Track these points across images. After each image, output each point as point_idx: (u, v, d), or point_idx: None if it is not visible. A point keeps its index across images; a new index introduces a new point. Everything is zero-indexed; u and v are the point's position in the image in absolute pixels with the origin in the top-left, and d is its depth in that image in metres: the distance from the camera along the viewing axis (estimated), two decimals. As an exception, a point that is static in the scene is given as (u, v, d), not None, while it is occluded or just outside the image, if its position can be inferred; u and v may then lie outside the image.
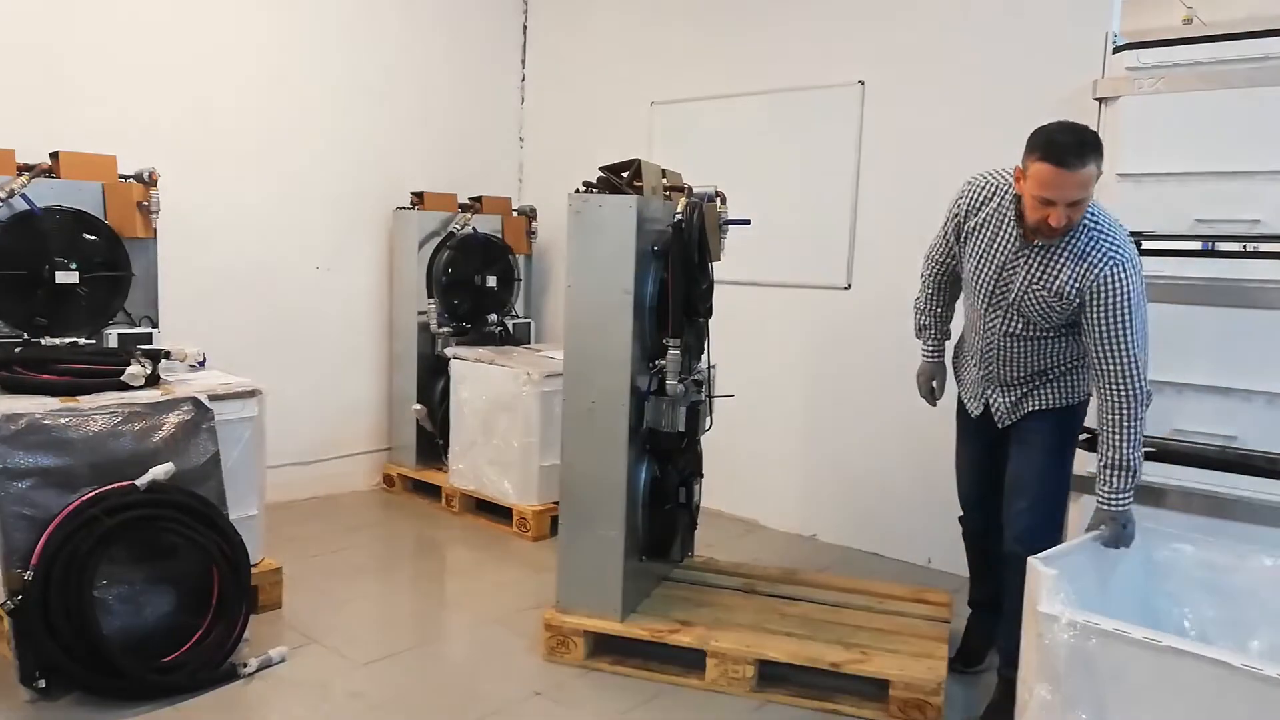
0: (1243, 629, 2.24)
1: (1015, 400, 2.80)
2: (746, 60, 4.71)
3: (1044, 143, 2.37)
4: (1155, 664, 1.81)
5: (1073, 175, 2.32)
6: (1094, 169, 2.35)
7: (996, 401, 2.84)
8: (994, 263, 2.63)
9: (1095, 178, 2.37)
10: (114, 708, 2.66)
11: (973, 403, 2.94)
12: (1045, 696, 1.94)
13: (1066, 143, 2.34)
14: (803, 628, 3.11)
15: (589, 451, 3.10)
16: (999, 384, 2.81)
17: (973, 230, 2.69)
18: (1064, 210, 2.37)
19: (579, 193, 3.08)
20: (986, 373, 2.82)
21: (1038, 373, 2.75)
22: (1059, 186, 2.34)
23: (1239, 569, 2.31)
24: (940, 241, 2.91)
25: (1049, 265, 2.51)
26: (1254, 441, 3.02)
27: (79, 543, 2.63)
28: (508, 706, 2.83)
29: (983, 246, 2.66)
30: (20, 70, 3.74)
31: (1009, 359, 2.74)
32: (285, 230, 4.69)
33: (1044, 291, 2.53)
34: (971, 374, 2.92)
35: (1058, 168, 2.33)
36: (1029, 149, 2.42)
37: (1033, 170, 2.39)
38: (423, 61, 5.21)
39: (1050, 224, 2.39)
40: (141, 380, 3.03)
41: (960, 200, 2.75)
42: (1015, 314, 2.64)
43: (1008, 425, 2.84)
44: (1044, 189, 2.36)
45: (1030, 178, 2.41)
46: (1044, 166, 2.35)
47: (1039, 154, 2.37)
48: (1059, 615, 1.92)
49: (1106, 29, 3.42)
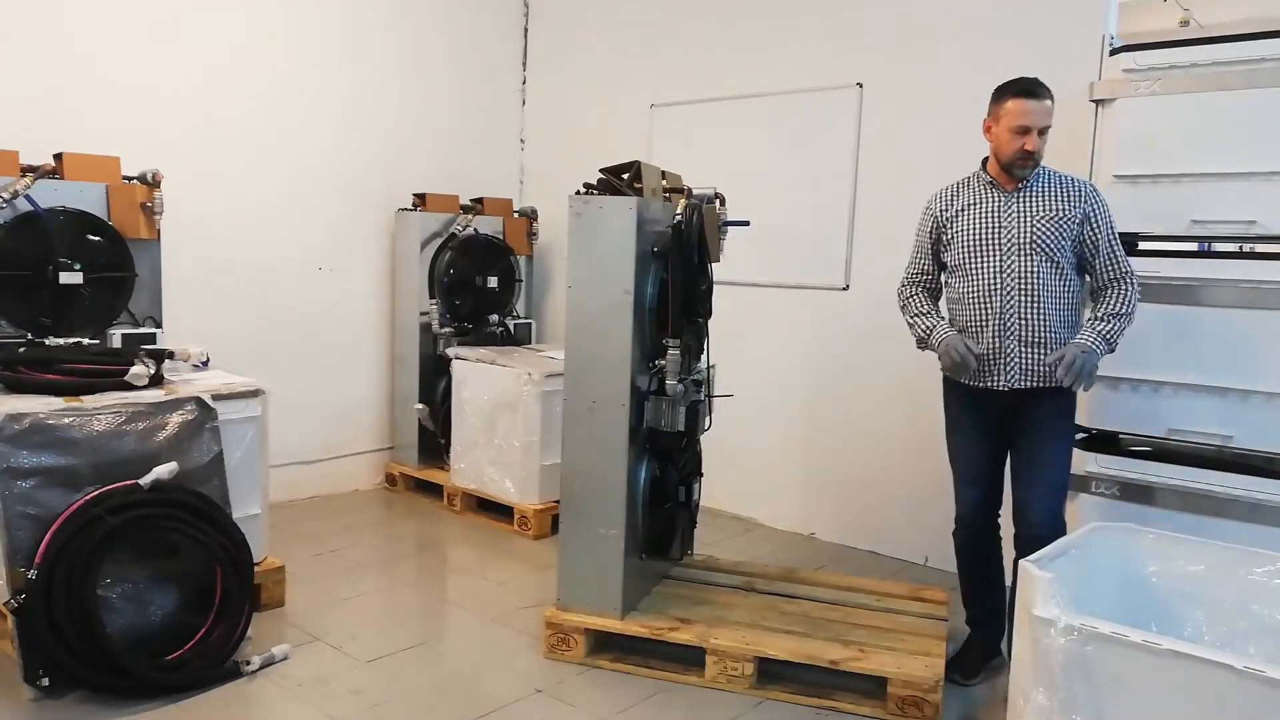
0: (1234, 642, 2.22)
1: (1038, 358, 2.86)
2: (746, 63, 4.73)
3: (1011, 84, 2.85)
4: (1155, 667, 1.77)
5: (1041, 103, 2.80)
6: (1051, 104, 2.82)
7: (1015, 359, 2.88)
8: (991, 220, 2.93)
9: (1052, 112, 2.83)
10: (117, 706, 2.68)
11: (987, 379, 2.93)
12: (1042, 701, 1.92)
13: (1030, 79, 2.85)
14: (801, 625, 3.13)
15: (589, 451, 3.12)
16: (1019, 339, 2.87)
17: (956, 215, 3.00)
18: (1035, 137, 2.80)
19: (579, 194, 3.10)
20: (1006, 329, 2.88)
21: (1056, 320, 2.87)
22: (1032, 113, 2.79)
23: (1229, 581, 2.29)
24: (918, 255, 3.14)
25: (1043, 200, 2.88)
26: (1250, 441, 3.03)
27: (83, 542, 2.64)
28: (509, 704, 2.85)
29: (975, 216, 2.96)
30: (24, 72, 3.77)
31: (1033, 298, 2.86)
32: (288, 231, 4.71)
33: (1050, 221, 2.87)
34: (989, 349, 2.91)
35: (1028, 98, 2.80)
36: (997, 96, 2.88)
37: (1006, 108, 2.83)
38: (425, 64, 5.23)
39: (1027, 149, 2.80)
40: (145, 380, 3.05)
41: (931, 208, 3.09)
42: (1031, 249, 2.87)
43: (1015, 399, 2.91)
44: (1020, 118, 2.80)
45: (1004, 116, 2.84)
46: (1017, 101, 2.81)
47: (1011, 92, 2.83)
48: (1055, 619, 1.88)
49: (1103, 31, 3.42)
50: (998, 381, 2.92)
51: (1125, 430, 3.20)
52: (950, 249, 3.01)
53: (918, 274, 3.13)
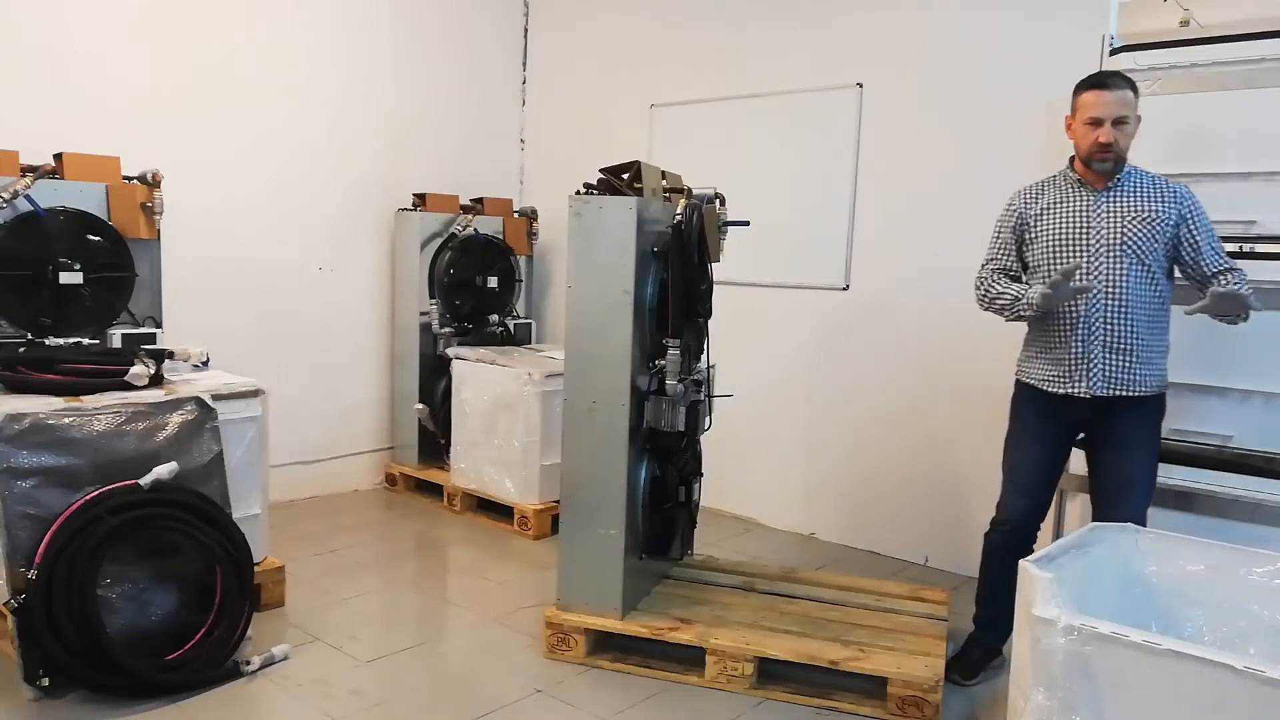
0: (1234, 642, 2.22)
1: (1122, 364, 2.77)
2: (746, 63, 4.73)
3: (1086, 78, 2.81)
4: (1155, 667, 1.77)
5: (1112, 93, 2.72)
6: (1130, 94, 2.75)
7: (1099, 366, 2.78)
8: (1079, 219, 2.84)
9: (1133, 104, 2.75)
10: (117, 706, 2.68)
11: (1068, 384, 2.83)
12: (1042, 702, 1.92)
13: (1106, 71, 2.85)
14: (801, 625, 3.13)
15: (589, 451, 3.12)
16: (1104, 345, 2.78)
17: (1040, 213, 2.91)
18: (1110, 129, 2.72)
19: (579, 194, 3.10)
20: (1090, 333, 2.78)
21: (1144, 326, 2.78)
22: (1103, 105, 2.72)
23: (1229, 582, 2.29)
24: (999, 251, 3.00)
25: (1135, 201, 2.81)
26: (1251, 441, 3.03)
27: (83, 542, 2.64)
28: (509, 704, 2.85)
29: (1059, 216, 2.87)
30: (24, 72, 3.76)
31: (1120, 302, 2.76)
32: (288, 231, 4.71)
33: (1143, 222, 2.79)
34: (1070, 353, 2.82)
35: (1099, 89, 2.74)
36: (1075, 93, 2.82)
37: (1079, 102, 2.79)
38: (424, 64, 5.23)
39: (1101, 141, 2.73)
40: (145, 380, 3.05)
41: (1012, 206, 2.99)
42: (1121, 251, 2.78)
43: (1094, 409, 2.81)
44: (1090, 110, 2.74)
45: (1078, 110, 2.80)
46: (1089, 93, 2.76)
47: (1083, 86, 2.79)
48: (1056, 619, 1.88)
49: (1103, 31, 3.43)
50: (1079, 388, 2.81)
51: (1125, 430, 3.19)
52: (1033, 248, 2.91)
53: (998, 268, 2.99)
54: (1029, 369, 2.98)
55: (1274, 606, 2.22)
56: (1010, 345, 3.08)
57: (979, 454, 3.99)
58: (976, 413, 3.99)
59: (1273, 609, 2.22)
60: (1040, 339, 2.92)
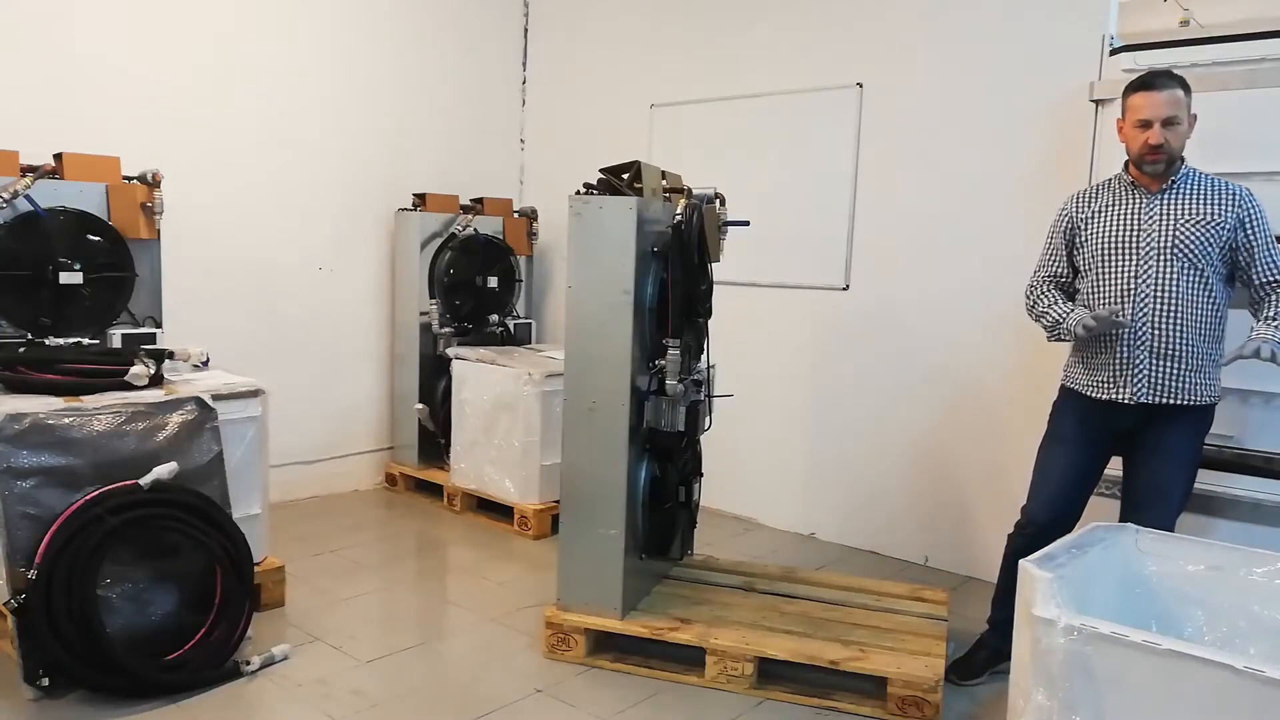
0: (1234, 642, 2.22)
1: (1169, 372, 2.71)
2: (746, 63, 4.72)
3: (1134, 80, 2.76)
4: (1155, 668, 1.77)
5: (1160, 94, 2.66)
6: (1180, 94, 2.67)
7: (1145, 371, 2.72)
8: (1130, 222, 2.78)
9: (1184, 104, 2.68)
10: (117, 706, 2.68)
11: (1111, 389, 2.78)
12: (1042, 702, 1.92)
13: (1152, 72, 2.76)
14: (801, 625, 3.13)
15: (590, 451, 3.12)
16: (1150, 350, 2.71)
17: (1093, 216, 2.86)
18: (1160, 130, 2.66)
19: (579, 194, 3.10)
20: (1136, 338, 2.72)
21: (1194, 333, 2.70)
22: (1151, 106, 2.67)
23: (1229, 582, 2.28)
24: (1050, 258, 2.97)
25: (1189, 203, 2.73)
26: (1251, 441, 3.03)
27: (83, 542, 2.64)
28: (509, 704, 2.85)
29: (1113, 218, 2.81)
30: (24, 72, 3.76)
31: (1169, 307, 2.70)
32: (288, 231, 4.71)
33: (1196, 225, 2.71)
34: (1115, 357, 2.77)
35: (1147, 91, 2.69)
36: (1123, 95, 2.78)
37: (1128, 104, 2.74)
38: (424, 64, 5.23)
39: (1150, 143, 2.67)
40: (145, 380, 3.05)
41: (1065, 210, 2.94)
42: (1172, 255, 2.71)
43: (1137, 417, 2.76)
44: (1139, 111, 2.70)
45: (1127, 112, 2.74)
46: (1137, 94, 2.71)
47: (1132, 88, 2.74)
48: (1056, 619, 1.88)
49: (1103, 31, 3.43)
50: (1123, 394, 2.75)
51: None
52: (1083, 251, 2.86)
53: (1049, 275, 2.96)
54: (1074, 373, 2.92)
55: (1274, 606, 2.22)
56: (1010, 345, 3.07)
57: (979, 454, 4.00)
58: (976, 412, 3.99)
59: (1273, 609, 2.22)
60: (1088, 344, 2.85)
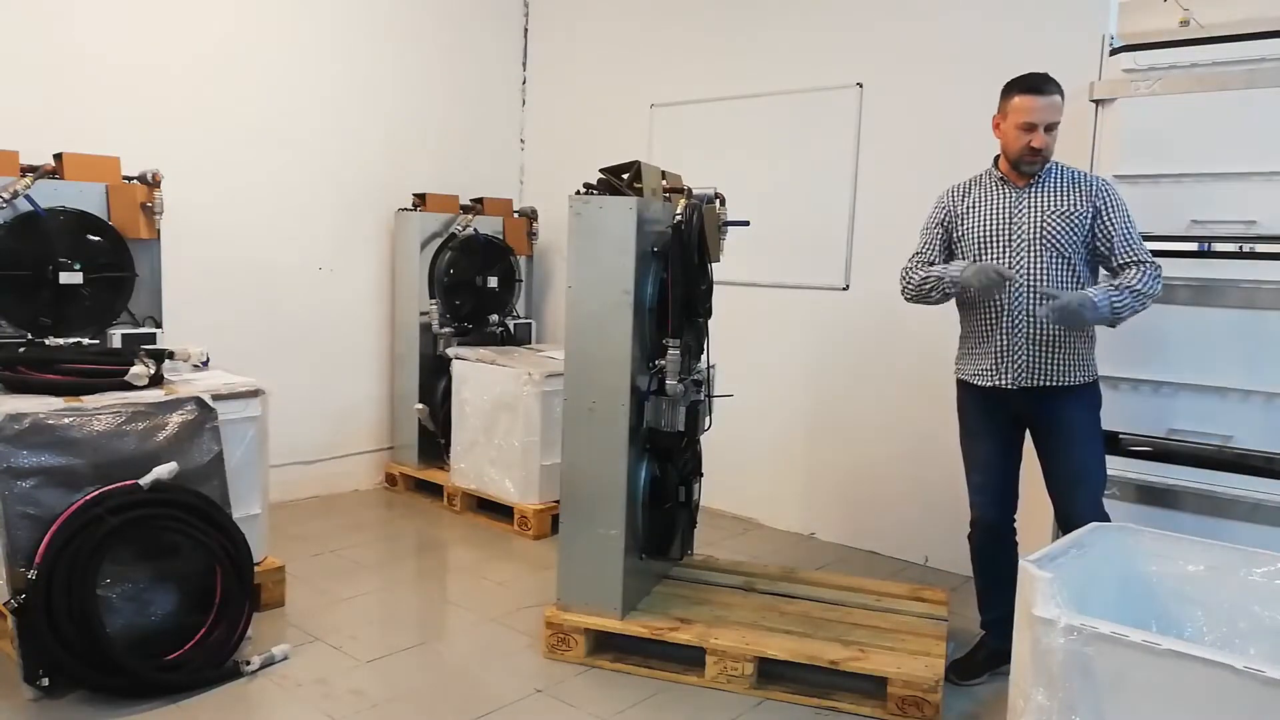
0: (1234, 642, 2.22)
1: (1046, 357, 2.84)
2: (746, 63, 4.73)
3: (1018, 81, 2.83)
4: (1155, 667, 1.77)
5: (1047, 99, 2.77)
6: (1059, 99, 2.80)
7: (1023, 358, 2.85)
8: (1000, 215, 2.92)
9: (1061, 109, 2.80)
10: (117, 706, 2.68)
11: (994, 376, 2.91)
12: (1042, 702, 1.92)
13: (1038, 75, 2.82)
14: (801, 625, 3.13)
15: (589, 451, 3.12)
16: (1027, 337, 2.85)
17: (967, 210, 2.98)
18: (1042, 134, 2.78)
19: (579, 194, 3.10)
20: (1014, 326, 2.86)
21: None
22: (1037, 110, 2.77)
23: (1229, 582, 2.28)
24: (926, 246, 3.08)
25: (1052, 196, 2.87)
26: (1250, 441, 3.03)
27: (83, 542, 2.64)
28: (509, 704, 2.85)
29: (984, 211, 2.95)
30: (24, 72, 3.76)
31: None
32: (288, 231, 4.71)
33: (1060, 216, 2.85)
34: (995, 346, 2.90)
35: (1034, 94, 2.78)
36: (1005, 92, 2.87)
37: (1012, 105, 2.82)
38: (425, 64, 5.23)
39: (1034, 146, 2.79)
40: (145, 380, 3.05)
41: (942, 201, 3.07)
42: (1041, 245, 2.85)
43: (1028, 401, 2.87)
44: (1025, 115, 2.79)
45: (1010, 113, 2.83)
46: (1023, 97, 2.79)
47: (1017, 89, 2.82)
48: (1056, 619, 1.88)
49: (1103, 31, 3.42)
50: (1005, 380, 2.89)
51: (1125, 430, 3.20)
52: (960, 245, 2.99)
53: (924, 261, 3.06)
54: (963, 365, 3.06)
55: (1274, 606, 2.22)
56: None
57: (979, 454, 3.99)
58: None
59: (1273, 609, 2.22)
60: (970, 335, 3.01)
